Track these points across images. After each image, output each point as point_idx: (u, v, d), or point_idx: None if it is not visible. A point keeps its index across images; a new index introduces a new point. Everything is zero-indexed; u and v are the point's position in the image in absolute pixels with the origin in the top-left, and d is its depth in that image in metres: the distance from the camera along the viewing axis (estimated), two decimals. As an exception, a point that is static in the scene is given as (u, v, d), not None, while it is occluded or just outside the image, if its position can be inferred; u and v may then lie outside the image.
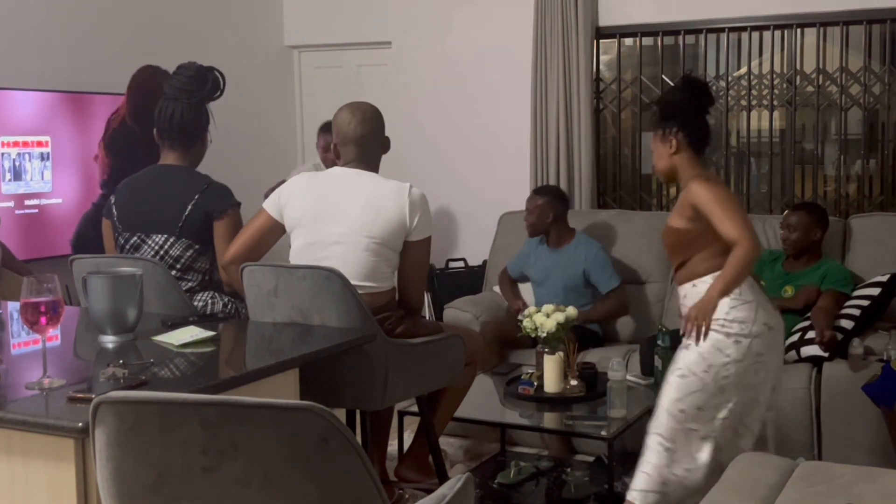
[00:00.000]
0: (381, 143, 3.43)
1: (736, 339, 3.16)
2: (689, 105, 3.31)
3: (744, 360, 3.17)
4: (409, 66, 6.14)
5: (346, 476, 1.72)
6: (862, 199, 5.31)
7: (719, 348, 3.16)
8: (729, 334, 3.15)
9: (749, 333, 3.15)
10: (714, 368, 3.16)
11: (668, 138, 3.28)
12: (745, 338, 3.15)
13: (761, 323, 3.16)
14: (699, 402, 3.19)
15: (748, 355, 3.16)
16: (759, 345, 3.17)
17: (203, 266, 3.58)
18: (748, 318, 3.15)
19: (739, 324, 3.15)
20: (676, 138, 3.27)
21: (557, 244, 4.87)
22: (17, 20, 4.83)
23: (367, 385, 3.15)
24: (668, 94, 3.46)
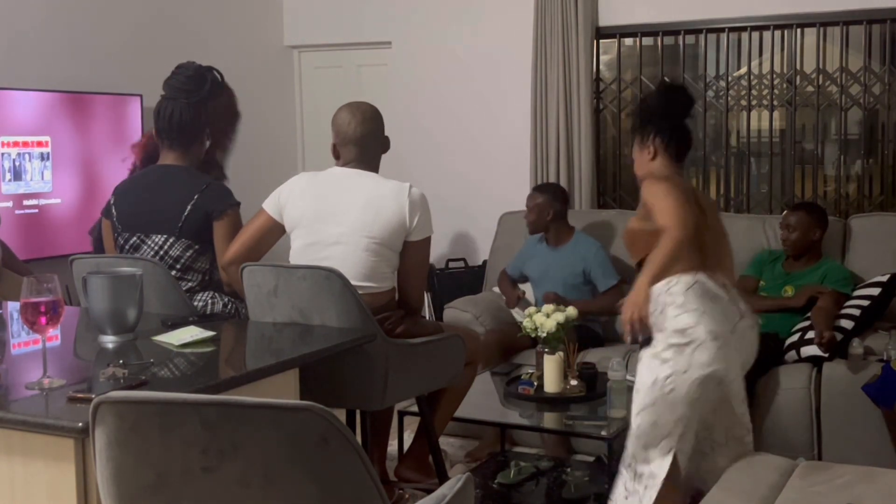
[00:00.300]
0: (380, 142, 3.43)
1: (677, 348, 3.02)
2: (666, 110, 3.23)
3: (687, 371, 3.00)
4: (409, 66, 6.14)
5: (346, 476, 1.72)
6: (862, 199, 5.31)
7: (663, 359, 3.05)
8: (670, 344, 3.03)
9: (690, 343, 3.00)
10: (659, 382, 3.04)
11: (646, 145, 3.22)
12: (687, 347, 3.00)
13: (705, 331, 2.99)
14: (653, 418, 3.07)
15: (692, 366, 2.99)
16: (704, 355, 2.99)
17: (203, 266, 3.58)
18: (690, 327, 3.01)
19: (680, 333, 3.02)
20: (654, 144, 3.21)
21: (557, 242, 4.87)
22: (17, 20, 4.83)
23: (367, 385, 3.15)
24: (644, 99, 3.37)
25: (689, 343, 3.01)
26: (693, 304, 3.03)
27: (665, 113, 3.23)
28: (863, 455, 3.76)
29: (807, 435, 4.09)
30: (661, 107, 3.25)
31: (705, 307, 3.04)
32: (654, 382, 3.06)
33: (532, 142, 5.67)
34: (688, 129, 3.28)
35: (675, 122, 3.24)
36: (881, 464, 3.33)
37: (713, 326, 3.01)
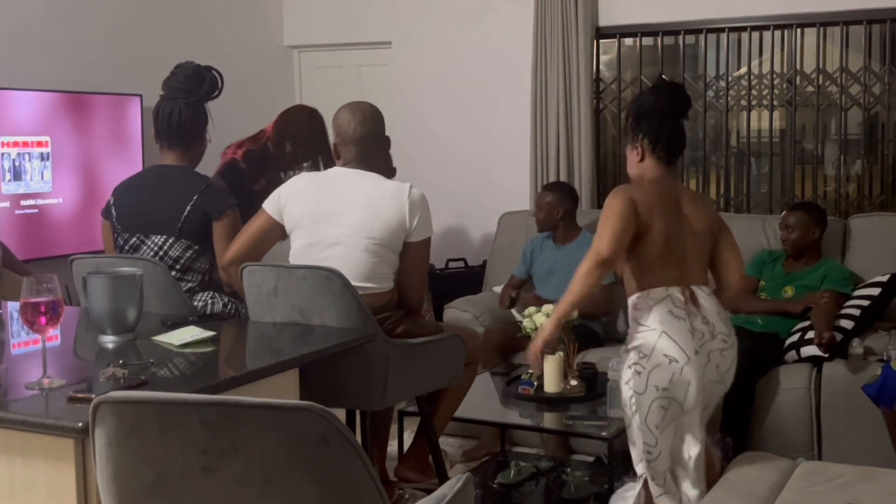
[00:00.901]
0: (381, 142, 3.43)
1: (635, 369, 2.99)
2: (656, 111, 3.10)
3: (645, 394, 2.97)
4: (409, 66, 6.14)
5: (346, 476, 1.72)
6: (862, 199, 5.31)
7: (624, 379, 3.04)
8: (629, 364, 3.01)
9: (646, 365, 2.96)
10: (626, 402, 3.04)
11: (635, 145, 3.13)
12: (643, 369, 2.97)
13: (661, 354, 2.93)
14: (632, 437, 3.07)
15: (648, 389, 2.96)
16: (659, 378, 2.95)
17: (203, 266, 3.58)
18: (646, 347, 2.96)
19: (637, 352, 2.99)
20: (642, 144, 3.11)
21: (564, 241, 4.89)
22: (17, 20, 4.83)
23: (367, 385, 3.15)
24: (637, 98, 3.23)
25: (646, 363, 2.97)
26: (655, 321, 2.98)
27: (655, 113, 3.11)
28: (863, 455, 3.76)
29: (807, 435, 4.09)
30: (652, 106, 3.12)
31: (668, 326, 2.96)
32: (624, 402, 3.06)
33: (532, 142, 5.67)
34: (680, 131, 3.15)
35: (664, 122, 3.11)
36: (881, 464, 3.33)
37: (670, 349, 2.94)
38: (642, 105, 3.16)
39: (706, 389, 3.04)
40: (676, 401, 2.97)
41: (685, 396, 2.98)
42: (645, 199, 3.03)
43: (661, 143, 3.10)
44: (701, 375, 3.00)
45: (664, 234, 3.04)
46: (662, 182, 3.12)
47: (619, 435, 3.67)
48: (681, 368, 2.95)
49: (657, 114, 3.11)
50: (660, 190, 3.10)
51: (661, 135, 3.10)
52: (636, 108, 3.18)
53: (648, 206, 3.02)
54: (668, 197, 3.09)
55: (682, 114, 3.18)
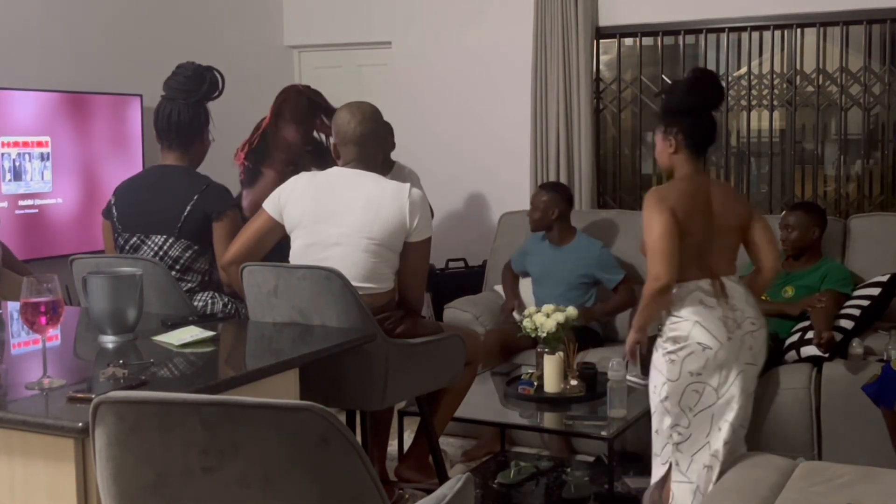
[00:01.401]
0: (381, 142, 3.42)
1: (669, 357, 3.10)
2: (694, 105, 3.17)
3: (678, 380, 3.08)
4: (409, 66, 6.14)
5: (346, 476, 1.72)
6: (862, 199, 5.31)
7: (657, 367, 3.14)
8: (665, 352, 3.11)
9: (680, 353, 3.08)
10: (657, 389, 3.13)
11: (668, 137, 3.18)
12: (677, 355, 3.08)
13: (695, 342, 3.07)
14: (655, 425, 3.16)
15: (682, 375, 3.08)
16: (693, 364, 3.07)
17: (203, 266, 3.58)
18: (681, 336, 3.08)
19: (672, 342, 3.10)
20: (676, 139, 3.17)
21: (560, 242, 4.88)
22: (17, 20, 4.83)
23: (367, 385, 3.15)
24: (673, 89, 3.26)
25: (681, 351, 3.06)
26: (689, 312, 3.08)
27: (692, 108, 3.17)
28: (863, 455, 3.76)
29: (807, 435, 4.09)
30: (688, 101, 3.17)
31: (700, 316, 3.07)
32: (654, 390, 3.14)
33: (532, 142, 5.67)
34: (713, 123, 3.22)
35: (699, 118, 3.18)
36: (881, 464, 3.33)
37: (704, 337, 3.06)
38: (677, 99, 3.21)
39: (744, 372, 3.13)
40: (711, 385, 3.08)
41: (719, 382, 3.09)
42: (682, 204, 3.10)
43: (695, 138, 3.18)
44: (736, 359, 3.10)
45: (698, 234, 3.13)
46: (694, 179, 3.20)
47: (619, 435, 3.68)
48: (714, 354, 3.06)
49: (693, 109, 3.17)
50: (693, 190, 3.17)
51: (695, 130, 3.17)
52: (670, 101, 3.23)
53: (685, 210, 3.10)
54: (700, 196, 3.17)
55: (715, 107, 3.26)
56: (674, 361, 3.09)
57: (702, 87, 3.21)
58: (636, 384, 4.12)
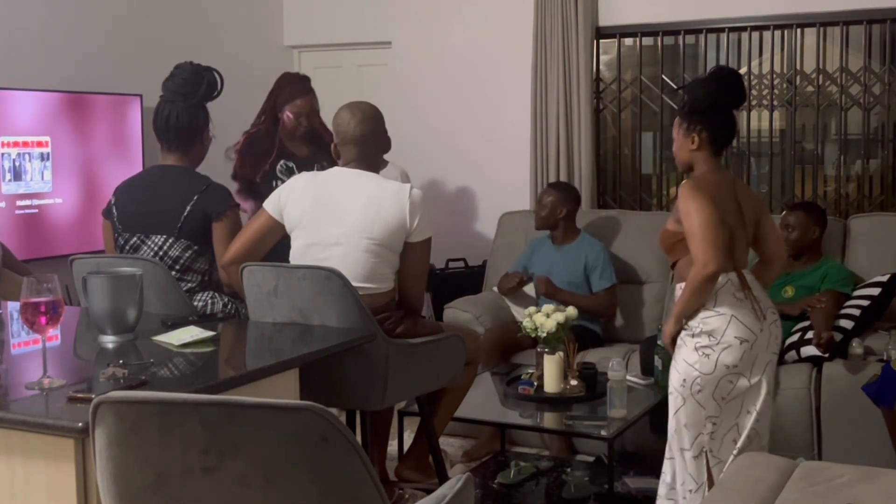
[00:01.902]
0: (381, 142, 3.42)
1: (703, 351, 3.12)
2: (718, 104, 3.21)
3: (713, 373, 3.11)
4: (409, 65, 6.14)
5: (346, 476, 1.72)
6: (862, 199, 5.31)
7: (689, 361, 3.14)
8: (697, 347, 3.13)
9: (715, 348, 3.10)
10: (688, 384, 3.14)
11: (691, 134, 3.21)
12: (713, 350, 3.10)
13: (732, 336, 3.10)
14: (684, 419, 3.17)
15: (717, 368, 3.11)
16: (729, 357, 3.10)
17: (202, 266, 3.58)
18: (717, 331, 3.10)
19: (708, 336, 3.11)
20: (700, 137, 3.20)
21: (562, 241, 4.88)
22: (17, 20, 4.83)
23: (367, 385, 3.15)
24: (697, 87, 3.29)
25: (717, 345, 3.09)
26: (724, 307, 3.11)
27: (715, 107, 3.20)
28: (863, 455, 3.76)
29: (807, 435, 4.09)
30: (711, 98, 3.20)
31: (735, 310, 3.11)
32: (683, 384, 3.15)
33: (532, 142, 5.67)
34: (734, 122, 3.27)
35: (723, 116, 3.22)
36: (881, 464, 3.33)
37: (741, 331, 3.10)
38: (700, 96, 3.23)
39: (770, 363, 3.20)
40: (744, 375, 3.13)
41: (752, 370, 3.14)
42: (717, 194, 3.15)
43: (718, 136, 3.22)
44: (765, 349, 3.17)
45: (729, 226, 3.17)
46: (720, 173, 3.27)
47: (619, 435, 3.68)
48: (751, 346, 3.11)
49: (717, 108, 3.21)
50: (723, 183, 3.23)
51: (719, 128, 3.22)
52: (694, 98, 3.24)
53: (720, 200, 3.14)
54: (728, 189, 3.23)
55: (738, 105, 3.31)
56: (708, 356, 3.11)
57: (726, 85, 3.25)
58: (636, 384, 4.12)
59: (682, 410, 3.18)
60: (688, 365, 3.15)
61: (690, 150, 3.23)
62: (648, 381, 4.14)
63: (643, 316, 4.93)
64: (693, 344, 3.14)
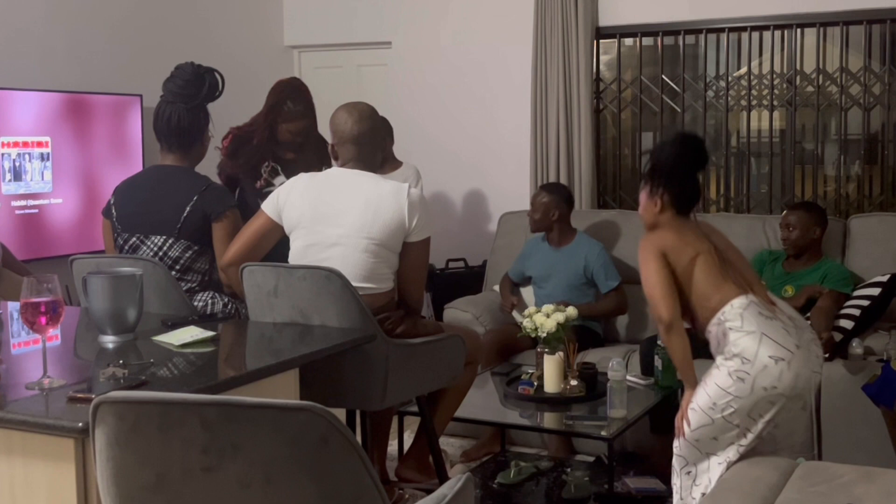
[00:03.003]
0: (379, 142, 3.42)
1: (738, 375, 3.02)
2: (678, 166, 3.24)
3: (749, 396, 3.01)
4: (408, 65, 6.14)
5: (346, 476, 1.72)
6: (862, 199, 5.31)
7: (721, 385, 3.04)
8: (731, 371, 3.03)
9: (751, 371, 3.00)
10: (718, 406, 3.05)
11: (654, 197, 3.25)
12: (748, 374, 3.00)
13: (766, 356, 2.99)
14: (712, 434, 3.10)
15: (754, 391, 3.01)
16: (766, 379, 3.00)
17: (202, 266, 3.58)
18: (749, 352, 3.01)
19: (740, 359, 3.02)
20: (662, 199, 3.23)
21: (559, 243, 4.88)
22: (18, 20, 4.83)
23: (367, 385, 3.15)
24: (659, 150, 3.40)
25: (752, 368, 3.00)
26: (752, 325, 3.04)
27: (676, 169, 3.24)
28: (863, 455, 3.76)
29: (807, 435, 4.08)
30: (673, 161, 3.25)
31: (765, 328, 3.04)
32: (714, 406, 3.07)
33: (532, 142, 5.67)
34: (697, 183, 3.29)
35: (686, 179, 3.25)
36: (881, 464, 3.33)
37: (774, 349, 3.01)
38: (662, 160, 3.29)
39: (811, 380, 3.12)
40: (784, 395, 3.04)
41: (792, 387, 3.05)
42: (671, 238, 3.18)
43: (681, 199, 3.25)
44: (806, 366, 3.08)
45: (711, 251, 3.17)
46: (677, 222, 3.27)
47: (619, 435, 3.68)
48: (787, 364, 3.02)
49: (678, 170, 3.25)
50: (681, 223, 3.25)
51: (682, 191, 3.25)
52: (655, 161, 3.31)
53: (678, 240, 3.17)
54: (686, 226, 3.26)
55: (701, 168, 3.33)
56: (744, 380, 3.01)
57: (688, 148, 3.29)
58: (636, 384, 4.12)
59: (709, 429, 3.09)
60: (719, 388, 3.05)
61: (654, 212, 3.26)
62: (648, 381, 4.14)
63: (644, 316, 4.92)
64: (727, 369, 3.05)
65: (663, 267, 3.13)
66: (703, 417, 3.09)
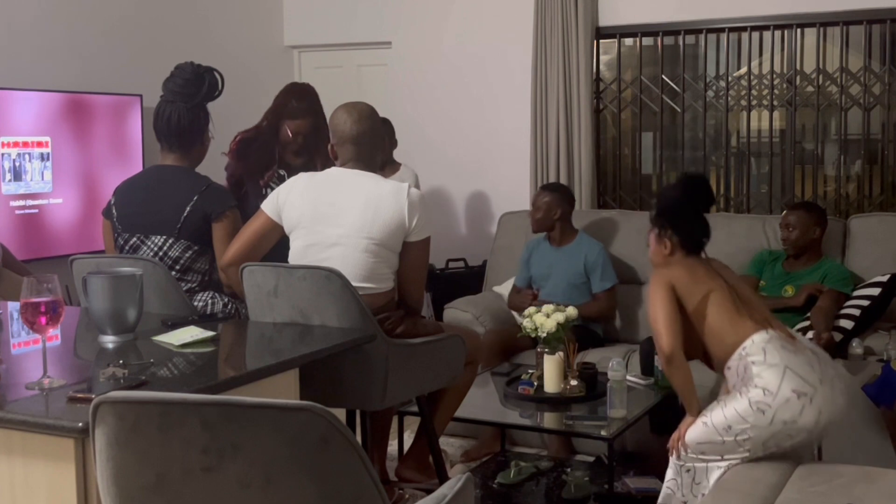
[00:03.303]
0: (378, 142, 3.42)
1: (758, 406, 2.97)
2: (686, 207, 3.29)
3: (768, 427, 2.98)
4: (408, 66, 6.14)
5: (346, 476, 1.72)
6: (862, 199, 5.31)
7: (740, 412, 3.00)
8: (752, 401, 2.98)
9: (772, 403, 2.96)
10: (733, 430, 3.01)
11: (664, 240, 3.27)
12: (769, 407, 2.96)
13: (788, 390, 2.95)
14: (719, 451, 3.07)
15: (774, 423, 2.97)
16: (787, 413, 2.96)
17: (203, 267, 3.58)
18: (772, 385, 2.96)
19: (762, 390, 2.97)
20: (671, 241, 3.26)
21: (560, 242, 4.87)
22: (18, 20, 4.83)
23: (367, 385, 3.15)
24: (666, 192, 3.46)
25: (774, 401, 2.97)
26: (775, 358, 3.01)
27: (683, 211, 3.28)
28: (863, 455, 3.76)
29: (808, 438, 4.08)
30: (679, 204, 3.30)
31: (789, 360, 3.00)
32: (728, 429, 3.03)
33: (532, 142, 5.67)
34: (705, 223, 3.31)
35: (693, 220, 3.29)
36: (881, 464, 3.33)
37: (797, 384, 2.97)
38: (669, 203, 3.34)
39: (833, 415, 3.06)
40: (805, 429, 3.01)
41: (814, 423, 3.00)
42: (682, 275, 3.20)
43: (691, 239, 3.28)
44: (830, 401, 3.03)
45: (723, 287, 3.17)
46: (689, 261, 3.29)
47: (619, 435, 3.67)
48: (810, 399, 2.97)
49: (685, 212, 3.28)
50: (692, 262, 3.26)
51: (691, 232, 3.28)
52: (662, 205, 3.36)
53: (689, 277, 3.19)
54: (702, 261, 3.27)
55: (707, 209, 3.36)
56: (764, 412, 2.97)
57: (694, 190, 3.33)
58: (636, 384, 4.12)
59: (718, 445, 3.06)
60: (738, 414, 3.01)
61: (664, 254, 3.28)
62: (648, 381, 4.14)
63: (643, 316, 4.92)
64: (748, 399, 3.00)
65: (670, 301, 3.14)
66: (713, 435, 3.06)
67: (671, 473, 3.23)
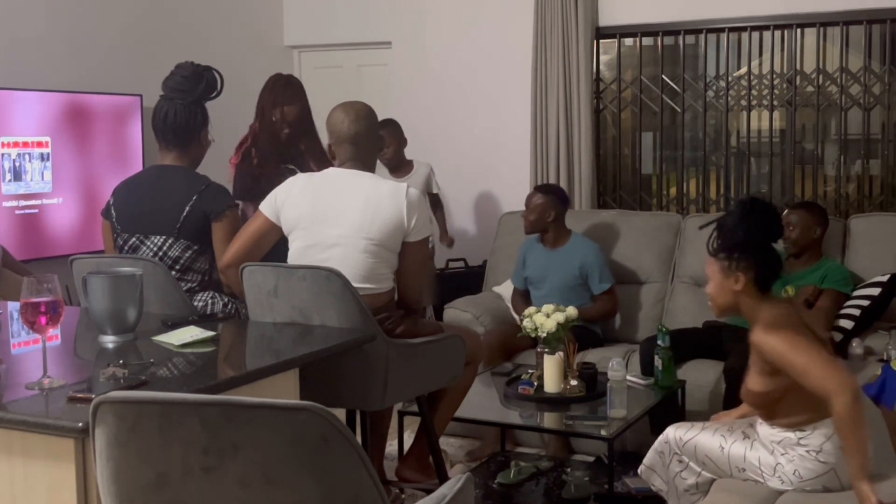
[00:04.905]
0: (376, 141, 3.42)
1: (780, 477, 2.86)
2: (761, 238, 2.93)
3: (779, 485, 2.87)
4: (409, 66, 6.14)
5: (346, 476, 1.72)
6: (862, 199, 5.31)
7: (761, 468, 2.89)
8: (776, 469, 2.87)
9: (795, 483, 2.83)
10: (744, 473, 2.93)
11: (735, 273, 2.89)
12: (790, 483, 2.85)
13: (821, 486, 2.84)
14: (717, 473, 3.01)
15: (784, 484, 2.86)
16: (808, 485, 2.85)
17: (202, 266, 3.58)
18: (810, 476, 2.83)
19: (798, 479, 2.84)
20: (746, 276, 2.88)
21: (554, 244, 4.86)
22: (18, 20, 4.83)
23: (367, 385, 3.15)
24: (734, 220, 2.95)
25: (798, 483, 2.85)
26: (829, 456, 2.84)
27: (755, 241, 2.91)
28: (863, 455, 3.75)
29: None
30: (756, 233, 2.92)
31: (838, 461, 2.83)
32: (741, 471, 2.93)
33: (532, 142, 5.67)
34: (778, 256, 2.97)
35: (765, 252, 2.93)
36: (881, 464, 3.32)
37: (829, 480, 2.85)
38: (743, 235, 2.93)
39: None
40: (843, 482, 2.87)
41: None
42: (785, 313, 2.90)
43: (768, 273, 2.94)
44: None
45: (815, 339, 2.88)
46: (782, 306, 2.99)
47: (619, 435, 3.67)
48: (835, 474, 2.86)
49: (757, 241, 2.93)
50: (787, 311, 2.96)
51: (767, 265, 2.93)
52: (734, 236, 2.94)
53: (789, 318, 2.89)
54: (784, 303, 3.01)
55: (776, 240, 3.02)
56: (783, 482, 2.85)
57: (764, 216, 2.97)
58: (636, 384, 4.12)
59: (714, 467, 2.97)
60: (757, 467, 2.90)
61: (734, 290, 2.91)
62: (648, 381, 4.14)
63: (643, 316, 4.93)
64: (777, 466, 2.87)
65: (813, 341, 2.78)
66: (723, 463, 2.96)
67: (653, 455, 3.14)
